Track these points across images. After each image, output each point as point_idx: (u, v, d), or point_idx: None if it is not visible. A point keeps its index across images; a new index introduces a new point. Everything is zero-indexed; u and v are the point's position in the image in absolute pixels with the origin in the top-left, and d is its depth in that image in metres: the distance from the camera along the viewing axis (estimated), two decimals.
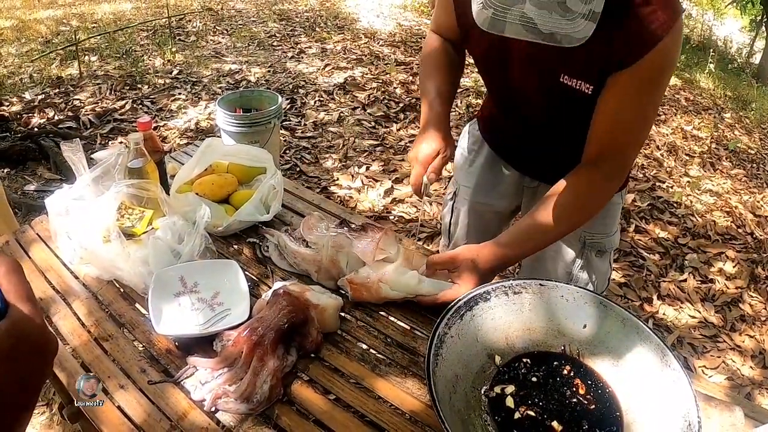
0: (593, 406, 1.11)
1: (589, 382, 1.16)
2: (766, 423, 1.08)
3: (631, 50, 1.19)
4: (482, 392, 1.13)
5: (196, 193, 1.67)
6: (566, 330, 1.24)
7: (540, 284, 1.27)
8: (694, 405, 1.01)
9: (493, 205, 1.84)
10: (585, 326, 1.23)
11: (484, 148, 1.82)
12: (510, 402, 1.10)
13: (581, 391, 1.14)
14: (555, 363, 1.20)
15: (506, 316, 1.23)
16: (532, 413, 1.09)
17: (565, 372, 1.18)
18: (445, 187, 2.13)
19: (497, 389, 1.13)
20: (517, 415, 1.08)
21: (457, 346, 1.14)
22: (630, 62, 1.20)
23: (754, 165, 5.43)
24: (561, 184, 1.39)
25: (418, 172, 1.44)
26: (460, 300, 1.19)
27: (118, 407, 1.13)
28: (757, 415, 1.15)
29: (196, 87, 5.46)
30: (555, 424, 1.07)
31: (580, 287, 1.27)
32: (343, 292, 1.44)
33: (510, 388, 1.13)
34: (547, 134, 1.57)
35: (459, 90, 1.76)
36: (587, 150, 1.38)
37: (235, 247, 1.62)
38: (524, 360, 1.20)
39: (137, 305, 1.40)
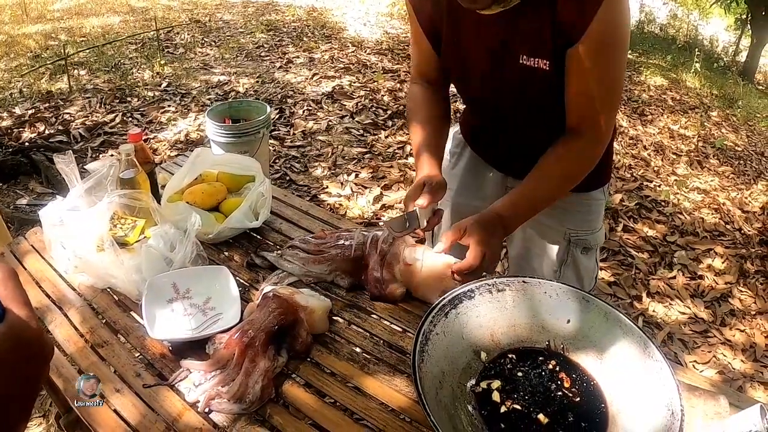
0: (578, 399, 1.14)
1: (574, 375, 1.19)
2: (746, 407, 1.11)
3: (575, 22, 1.26)
4: (468, 387, 1.15)
5: (187, 202, 1.69)
6: (550, 325, 1.27)
7: (523, 281, 1.29)
8: (677, 394, 1.03)
9: (477, 206, 1.80)
10: (569, 321, 1.25)
11: (466, 150, 1.85)
12: (496, 396, 1.13)
13: (566, 385, 1.16)
14: (540, 358, 1.23)
15: (491, 314, 1.26)
16: (518, 407, 1.11)
17: (551, 366, 1.20)
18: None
19: (483, 384, 1.15)
20: (503, 409, 1.11)
21: (442, 343, 1.16)
22: (579, 34, 1.26)
23: (741, 162, 5.48)
24: (548, 155, 1.47)
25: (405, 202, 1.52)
26: (444, 298, 1.22)
27: (115, 411, 1.16)
28: (743, 404, 1.16)
29: (186, 99, 5.48)
30: (541, 416, 1.10)
31: (563, 283, 1.29)
32: (332, 295, 1.47)
33: (496, 383, 1.15)
34: (521, 128, 1.61)
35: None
36: (568, 120, 1.45)
37: (226, 253, 1.65)
38: (510, 356, 1.23)
39: (131, 312, 1.43)
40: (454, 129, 1.92)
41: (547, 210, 1.69)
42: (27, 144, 4.41)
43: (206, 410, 1.14)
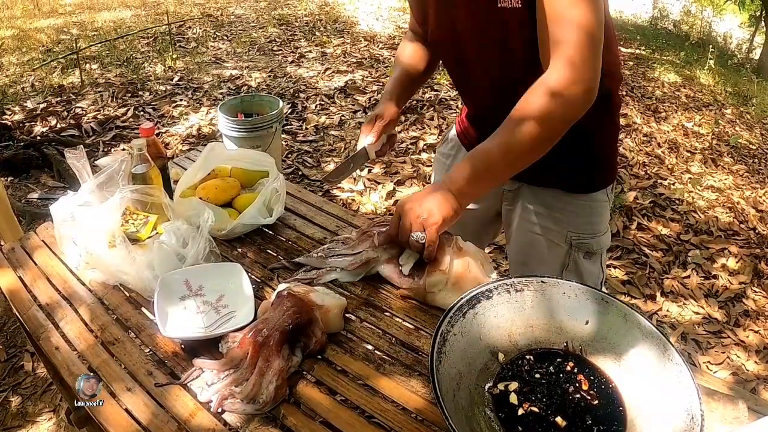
0: (596, 402, 1.12)
1: (592, 377, 1.17)
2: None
3: None
4: (486, 389, 1.13)
5: (200, 198, 1.68)
6: (568, 327, 1.25)
7: (542, 281, 1.27)
8: (697, 398, 1.01)
9: (471, 209, 1.77)
10: (587, 322, 1.23)
11: (461, 152, 1.82)
12: (513, 398, 1.11)
13: (584, 387, 1.15)
14: (558, 360, 1.21)
15: (509, 314, 1.24)
16: (535, 409, 1.09)
17: (568, 368, 1.19)
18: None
19: (501, 386, 1.13)
20: (520, 411, 1.09)
21: (460, 343, 1.15)
22: None
23: (756, 160, 5.43)
24: (521, 100, 1.32)
25: (359, 137, 1.69)
26: (462, 298, 1.20)
27: (126, 410, 1.14)
28: (761, 409, 1.14)
29: (197, 93, 5.48)
30: (559, 419, 1.08)
31: (581, 284, 1.27)
32: (347, 293, 1.45)
33: (513, 385, 1.13)
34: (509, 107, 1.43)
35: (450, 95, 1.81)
36: (542, 61, 1.33)
37: (239, 250, 1.63)
38: (527, 357, 1.21)
39: (143, 309, 1.42)
40: (450, 131, 1.91)
41: (547, 212, 1.66)
42: (39, 138, 4.42)
43: (219, 410, 1.12)
